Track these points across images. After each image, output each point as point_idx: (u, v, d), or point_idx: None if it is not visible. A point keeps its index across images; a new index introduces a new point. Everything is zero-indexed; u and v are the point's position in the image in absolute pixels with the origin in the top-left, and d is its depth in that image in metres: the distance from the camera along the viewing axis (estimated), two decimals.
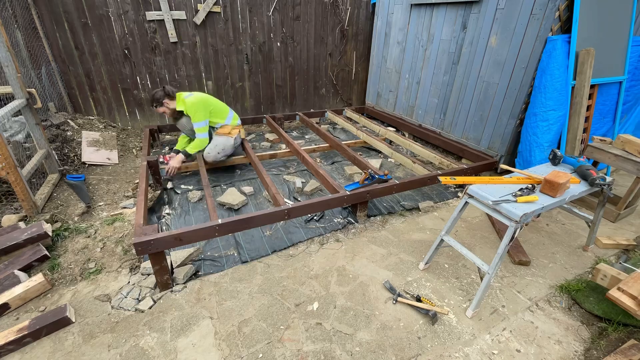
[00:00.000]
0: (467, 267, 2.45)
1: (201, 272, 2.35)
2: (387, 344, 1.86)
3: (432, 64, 4.35)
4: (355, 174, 3.79)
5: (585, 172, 2.22)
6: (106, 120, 4.63)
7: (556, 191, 1.95)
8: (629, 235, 2.83)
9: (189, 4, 4.43)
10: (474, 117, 3.91)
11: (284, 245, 2.62)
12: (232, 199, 3.11)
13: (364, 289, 2.23)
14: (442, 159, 3.69)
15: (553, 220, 3.04)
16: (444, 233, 2.24)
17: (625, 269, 2.37)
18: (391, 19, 4.90)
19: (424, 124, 4.69)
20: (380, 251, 2.60)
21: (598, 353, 1.83)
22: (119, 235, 2.67)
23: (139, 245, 1.97)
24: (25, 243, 2.35)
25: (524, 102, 3.35)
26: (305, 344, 1.86)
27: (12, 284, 2.11)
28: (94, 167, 3.79)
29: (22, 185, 2.65)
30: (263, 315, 2.02)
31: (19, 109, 2.89)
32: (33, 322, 1.86)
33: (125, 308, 2.06)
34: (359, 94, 6.23)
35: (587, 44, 3.06)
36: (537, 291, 2.25)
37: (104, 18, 4.14)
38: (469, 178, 2.21)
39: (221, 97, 5.15)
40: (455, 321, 2.02)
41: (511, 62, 3.38)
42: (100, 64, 4.35)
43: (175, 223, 2.90)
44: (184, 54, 4.67)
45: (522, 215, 1.77)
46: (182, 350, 1.81)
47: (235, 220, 2.31)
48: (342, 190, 2.82)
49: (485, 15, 3.55)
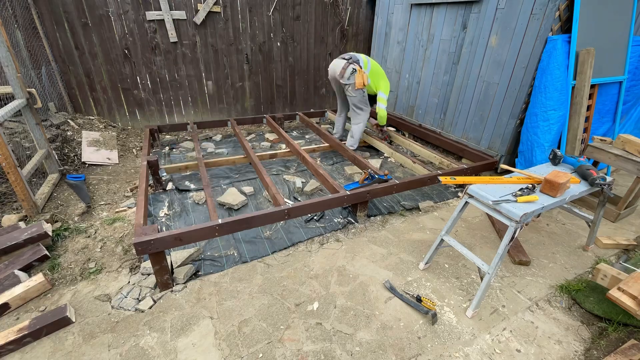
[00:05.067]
0: (467, 267, 2.45)
1: (201, 272, 2.35)
2: (387, 344, 1.86)
3: (432, 63, 4.35)
4: (355, 174, 3.79)
5: (585, 172, 2.22)
6: (106, 120, 4.63)
7: (556, 191, 1.95)
8: (629, 235, 2.83)
9: (189, 4, 4.43)
10: (474, 117, 3.91)
11: (284, 245, 2.62)
12: (232, 199, 3.11)
13: (364, 289, 2.23)
14: (442, 158, 3.69)
15: (553, 220, 3.04)
16: (444, 233, 2.24)
17: (626, 269, 2.37)
18: (391, 19, 4.90)
19: (424, 124, 4.69)
20: (380, 251, 2.60)
21: (598, 353, 1.83)
22: (119, 235, 2.67)
23: (139, 245, 1.97)
24: (26, 243, 2.36)
25: (524, 102, 3.35)
26: (306, 343, 1.86)
27: (12, 284, 2.11)
28: (94, 167, 3.79)
29: (22, 185, 2.65)
30: (263, 315, 2.02)
31: (19, 109, 2.89)
32: (33, 322, 1.86)
33: (125, 308, 2.06)
34: None
35: (587, 44, 3.05)
36: (537, 291, 2.25)
37: (104, 18, 4.14)
38: (469, 178, 2.21)
39: (221, 97, 5.16)
40: (455, 321, 2.02)
41: (511, 62, 3.38)
42: (101, 64, 4.35)
43: (175, 223, 2.90)
44: (184, 53, 4.68)
45: (522, 215, 1.77)
46: (182, 350, 1.81)
47: (235, 220, 2.31)
48: (342, 190, 2.82)
49: (485, 15, 3.55)
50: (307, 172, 3.88)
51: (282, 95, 5.61)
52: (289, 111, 5.74)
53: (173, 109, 4.95)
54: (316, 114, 5.52)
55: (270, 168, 3.91)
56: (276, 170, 3.88)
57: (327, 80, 5.80)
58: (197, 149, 3.78)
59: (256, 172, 3.56)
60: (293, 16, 5.09)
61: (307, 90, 5.76)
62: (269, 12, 4.88)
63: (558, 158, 2.40)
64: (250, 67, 5.14)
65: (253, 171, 3.85)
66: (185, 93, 4.92)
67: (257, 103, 5.47)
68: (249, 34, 4.93)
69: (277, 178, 3.71)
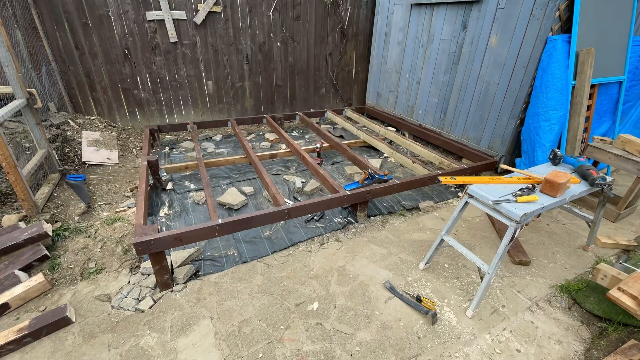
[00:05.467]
0: (467, 267, 2.45)
1: (201, 272, 2.35)
2: (387, 344, 1.86)
3: (432, 63, 4.35)
4: (355, 174, 3.79)
5: (585, 172, 2.22)
6: (106, 120, 4.63)
7: (556, 191, 1.95)
8: (629, 235, 2.83)
9: (189, 4, 4.43)
10: (474, 117, 3.91)
11: (284, 245, 2.62)
12: (232, 199, 3.11)
13: (364, 289, 2.23)
14: (442, 158, 3.69)
15: (553, 220, 3.04)
16: (444, 233, 2.24)
17: (626, 269, 2.37)
18: (391, 19, 4.90)
19: (424, 124, 4.69)
20: (380, 251, 2.60)
21: (598, 353, 1.83)
22: (119, 235, 2.67)
23: (139, 245, 1.97)
24: (26, 243, 2.36)
25: (524, 102, 3.35)
26: (306, 343, 1.86)
27: (13, 284, 2.11)
28: (94, 167, 3.79)
29: (22, 185, 2.65)
30: (263, 315, 2.02)
31: (19, 109, 2.89)
32: (33, 322, 1.86)
33: (125, 308, 2.06)
34: (359, 94, 6.23)
35: (587, 44, 3.05)
36: (537, 291, 2.25)
37: (104, 18, 4.14)
38: (469, 178, 2.21)
39: (221, 97, 5.16)
40: (455, 321, 2.02)
41: (511, 62, 3.37)
42: (101, 64, 4.35)
43: (175, 223, 2.90)
44: (184, 53, 4.67)
45: (522, 215, 1.77)
46: (182, 350, 1.81)
47: (235, 220, 2.31)
48: (342, 190, 2.82)
49: (485, 15, 3.55)
50: (307, 172, 3.88)
51: (282, 95, 5.61)
52: (289, 111, 5.74)
53: (173, 109, 4.95)
54: (316, 114, 5.52)
55: (270, 168, 3.91)
56: (276, 170, 3.88)
57: (327, 80, 5.80)
58: (197, 149, 3.78)
59: (256, 172, 3.56)
60: (293, 16, 5.08)
61: (307, 90, 5.76)
62: (269, 12, 4.88)
63: (558, 158, 2.40)
64: (250, 67, 5.14)
65: (253, 171, 3.85)
66: (185, 93, 4.92)
67: (257, 103, 5.47)
68: (249, 34, 4.93)
69: (277, 178, 3.71)
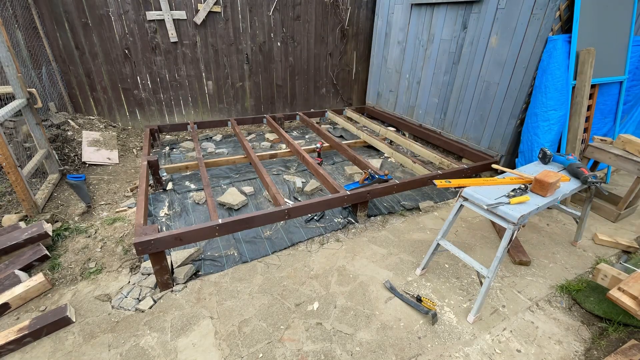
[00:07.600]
0: (467, 267, 2.45)
1: (201, 272, 2.35)
2: (388, 344, 1.86)
3: (432, 63, 4.35)
4: (356, 174, 3.79)
5: (576, 170, 2.21)
6: (106, 120, 4.63)
7: (546, 190, 1.94)
8: (629, 235, 2.83)
9: (189, 4, 4.43)
10: (474, 117, 3.91)
11: (284, 245, 2.62)
12: (232, 199, 3.11)
13: (364, 289, 2.23)
14: (442, 158, 3.69)
15: (553, 220, 3.04)
16: (440, 237, 2.21)
17: (626, 269, 2.37)
18: (391, 19, 4.90)
19: (424, 124, 4.68)
20: (380, 251, 2.60)
21: (598, 353, 1.83)
22: (119, 235, 2.67)
23: (140, 245, 1.97)
24: (26, 243, 2.36)
25: (524, 102, 3.35)
26: (306, 343, 1.86)
27: (13, 284, 2.11)
28: (95, 167, 3.79)
29: (23, 185, 2.65)
30: (263, 315, 2.02)
31: (19, 109, 2.89)
32: (33, 322, 1.86)
33: (125, 308, 2.06)
34: (359, 94, 6.23)
35: (587, 44, 3.05)
36: (537, 291, 2.25)
37: (104, 18, 4.14)
38: (463, 180, 2.19)
39: (221, 97, 5.16)
40: (455, 321, 2.02)
41: (511, 62, 3.37)
42: (101, 64, 4.35)
43: (176, 223, 2.90)
44: (184, 53, 4.67)
45: (519, 217, 1.76)
46: (183, 350, 1.81)
47: (235, 220, 2.31)
48: (342, 190, 2.82)
49: (485, 15, 3.54)
50: (307, 172, 3.88)
51: (282, 95, 5.61)
52: (289, 111, 5.74)
53: (173, 109, 4.95)
54: (316, 114, 5.52)
55: (270, 168, 3.91)
56: (276, 170, 3.88)
57: (327, 80, 5.80)
58: (197, 149, 3.78)
59: (256, 172, 3.56)
60: (293, 16, 5.08)
61: (307, 90, 5.75)
62: (269, 12, 4.88)
63: (547, 157, 2.38)
64: (250, 67, 5.14)
65: (253, 171, 3.85)
66: (185, 93, 4.92)
67: (257, 103, 5.47)
68: (249, 34, 4.93)
69: (277, 178, 3.71)
